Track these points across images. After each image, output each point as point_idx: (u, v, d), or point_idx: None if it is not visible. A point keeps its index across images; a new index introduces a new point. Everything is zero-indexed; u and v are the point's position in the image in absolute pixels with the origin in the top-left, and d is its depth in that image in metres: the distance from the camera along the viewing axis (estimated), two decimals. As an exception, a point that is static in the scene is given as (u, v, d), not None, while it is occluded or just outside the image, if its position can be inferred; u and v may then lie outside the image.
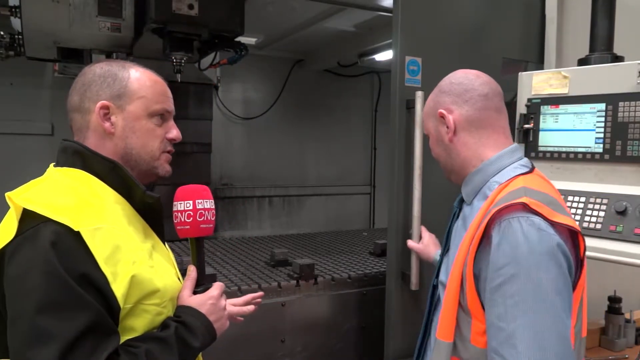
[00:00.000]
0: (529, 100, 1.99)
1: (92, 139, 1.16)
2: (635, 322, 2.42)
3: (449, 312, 1.21)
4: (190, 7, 2.28)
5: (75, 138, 1.19)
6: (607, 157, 1.78)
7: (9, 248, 1.00)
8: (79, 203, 1.05)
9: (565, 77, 1.90)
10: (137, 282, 1.05)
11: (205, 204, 1.23)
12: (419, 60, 2.07)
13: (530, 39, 2.41)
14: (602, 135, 1.80)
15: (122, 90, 1.16)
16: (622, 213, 1.69)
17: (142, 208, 1.18)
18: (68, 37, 2.47)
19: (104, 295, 1.00)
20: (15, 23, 2.53)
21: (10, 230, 1.01)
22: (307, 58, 4.44)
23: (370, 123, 4.90)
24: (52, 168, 1.17)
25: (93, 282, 0.99)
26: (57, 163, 1.17)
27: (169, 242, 1.32)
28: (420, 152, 1.96)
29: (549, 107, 1.94)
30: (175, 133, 1.23)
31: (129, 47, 2.63)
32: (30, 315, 0.94)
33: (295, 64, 4.48)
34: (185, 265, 1.30)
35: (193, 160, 3.82)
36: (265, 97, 4.42)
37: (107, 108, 1.15)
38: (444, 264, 1.36)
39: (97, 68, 1.18)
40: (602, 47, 1.92)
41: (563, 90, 1.91)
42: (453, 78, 1.32)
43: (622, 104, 1.74)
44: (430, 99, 1.37)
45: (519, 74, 2.05)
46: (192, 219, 1.21)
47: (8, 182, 1.42)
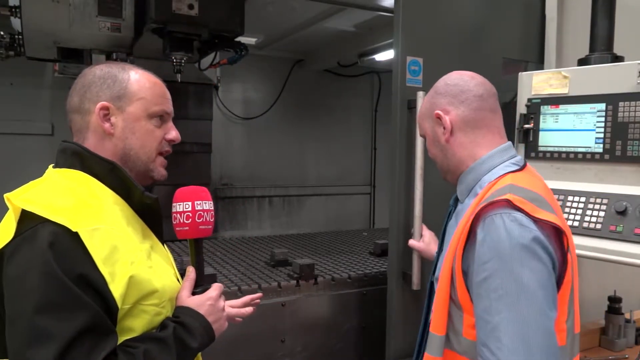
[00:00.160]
0: (529, 100, 1.99)
1: (91, 140, 1.16)
2: (635, 322, 2.42)
3: (441, 306, 1.25)
4: (190, 7, 2.28)
5: (75, 139, 1.19)
6: (607, 157, 1.78)
7: (8, 249, 1.01)
8: (78, 204, 1.05)
9: (565, 77, 1.90)
10: (135, 282, 1.05)
11: (205, 205, 1.23)
12: (420, 61, 2.07)
13: (530, 39, 2.41)
14: (602, 135, 1.79)
15: (121, 92, 1.16)
16: (622, 213, 1.69)
17: (140, 209, 1.18)
18: (68, 37, 2.46)
19: (102, 296, 1.00)
20: (15, 23, 2.53)
21: (9, 231, 1.02)
22: (307, 58, 4.44)
23: (370, 123, 4.90)
24: (51, 169, 1.18)
25: (91, 282, 0.99)
26: (56, 164, 1.17)
27: (168, 242, 1.32)
28: (422, 152, 1.96)
29: (549, 107, 1.94)
30: (175, 134, 1.24)
31: (129, 47, 2.62)
32: (29, 316, 0.94)
33: (295, 64, 4.48)
34: (185, 266, 1.30)
35: (193, 160, 3.82)
36: (265, 97, 4.42)
37: (107, 109, 1.15)
38: (440, 261, 1.38)
39: (96, 70, 1.19)
40: (602, 47, 1.92)
41: (563, 90, 1.91)
42: (448, 79, 1.34)
43: (622, 104, 1.74)
44: (426, 101, 1.39)
45: (519, 74, 2.05)
46: (191, 220, 1.21)
47: (8, 182, 1.42)
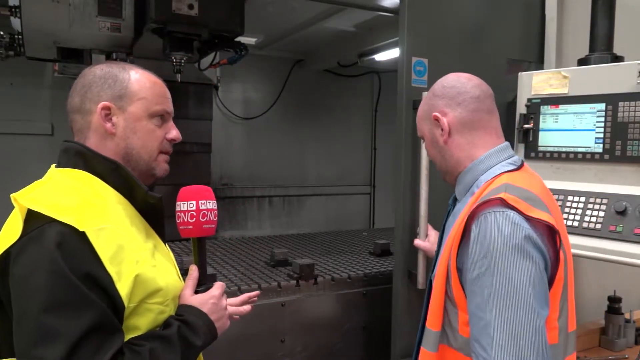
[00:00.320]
0: (529, 100, 1.99)
1: (93, 140, 1.17)
2: (635, 322, 2.42)
3: (436, 302, 1.27)
4: (190, 7, 2.28)
5: (76, 139, 1.19)
6: (607, 157, 1.78)
7: (15, 248, 1.01)
8: (83, 203, 1.06)
9: (565, 77, 1.90)
10: (140, 281, 1.06)
11: (208, 205, 1.24)
12: (425, 61, 2.08)
13: (530, 39, 2.41)
14: (602, 135, 1.80)
15: (122, 92, 1.17)
16: (622, 213, 1.69)
17: (143, 208, 1.19)
18: (68, 37, 2.46)
19: (109, 295, 1.01)
20: (15, 23, 2.53)
21: (15, 231, 1.02)
22: (307, 58, 4.43)
23: (370, 123, 4.90)
24: (53, 169, 1.18)
25: (98, 281, 1.00)
26: (58, 164, 1.17)
27: (168, 242, 1.32)
28: (427, 152, 1.97)
29: (549, 107, 1.94)
30: (175, 133, 1.24)
31: (129, 47, 2.62)
32: (36, 315, 0.95)
33: (295, 64, 4.48)
34: (186, 265, 1.30)
35: (193, 160, 3.82)
36: (265, 97, 4.42)
37: (108, 109, 1.16)
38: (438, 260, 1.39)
39: (97, 70, 1.19)
40: (602, 47, 1.92)
41: (563, 90, 1.91)
42: (445, 82, 1.36)
43: (622, 104, 1.74)
44: (424, 103, 1.40)
45: (519, 74, 2.05)
46: (195, 219, 1.22)
47: (8, 182, 1.42)
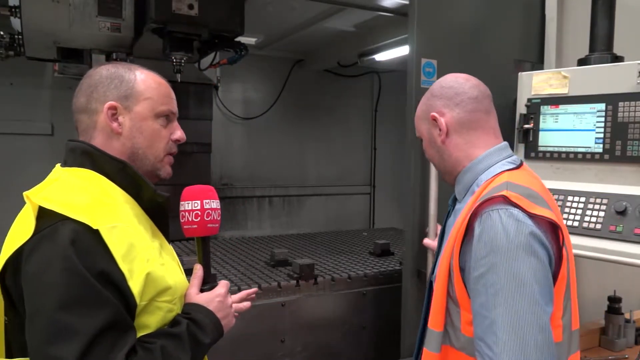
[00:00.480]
0: (529, 100, 1.99)
1: (99, 139, 1.17)
2: (635, 322, 2.42)
3: (438, 302, 1.27)
4: (190, 7, 2.28)
5: (81, 139, 1.20)
6: (607, 157, 1.79)
7: (27, 246, 1.01)
8: (94, 202, 1.07)
9: (565, 77, 1.90)
10: (151, 279, 1.07)
11: (212, 204, 1.26)
12: (435, 62, 2.09)
13: (530, 39, 2.41)
14: (602, 135, 1.80)
15: (129, 92, 1.18)
16: (622, 213, 1.69)
17: (149, 207, 1.20)
18: (68, 37, 2.46)
19: (122, 292, 1.01)
20: (15, 23, 2.53)
21: (28, 229, 1.02)
22: (307, 58, 4.43)
23: (370, 123, 4.89)
24: (59, 168, 1.18)
25: (111, 279, 1.00)
26: (65, 163, 1.18)
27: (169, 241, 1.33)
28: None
29: (549, 107, 1.94)
30: (180, 134, 1.26)
31: (129, 47, 2.62)
32: (51, 312, 0.95)
33: (295, 64, 4.47)
34: (186, 265, 1.31)
35: (193, 160, 3.82)
36: (265, 97, 4.42)
37: (114, 108, 1.16)
38: (439, 260, 1.38)
39: (103, 70, 1.20)
40: (602, 47, 1.92)
41: (563, 90, 1.91)
42: (443, 82, 1.37)
43: (622, 104, 1.74)
44: (422, 103, 1.41)
45: (519, 74, 2.05)
46: (199, 219, 1.23)
47: (8, 182, 1.42)
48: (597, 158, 1.81)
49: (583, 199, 1.81)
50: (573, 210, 1.82)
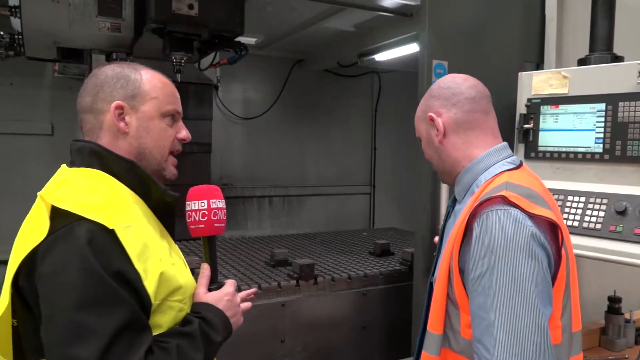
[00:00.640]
0: (529, 100, 1.99)
1: (105, 139, 1.17)
2: (635, 322, 2.42)
3: (438, 304, 1.26)
4: (190, 7, 2.28)
5: (86, 139, 1.19)
6: (607, 157, 1.79)
7: (41, 247, 1.01)
8: (106, 202, 1.07)
9: (565, 77, 1.90)
10: (165, 279, 1.07)
11: (219, 204, 1.27)
12: (445, 64, 2.10)
13: (530, 39, 2.41)
14: (602, 135, 1.80)
15: (135, 91, 1.18)
16: (622, 213, 1.69)
17: (157, 207, 1.20)
18: (68, 37, 2.46)
19: (137, 292, 1.02)
20: (15, 23, 2.53)
21: (41, 230, 1.02)
22: (307, 58, 4.43)
23: (370, 123, 4.89)
24: (66, 169, 1.17)
25: (127, 278, 1.00)
26: (72, 163, 1.17)
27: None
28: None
29: (549, 107, 1.94)
30: (185, 133, 1.27)
31: (129, 47, 2.62)
32: (69, 312, 0.95)
33: (295, 64, 4.47)
34: (189, 265, 1.31)
35: (193, 160, 3.81)
36: (265, 97, 4.41)
37: (121, 108, 1.16)
38: (439, 262, 1.38)
39: (108, 70, 1.20)
40: (602, 47, 1.92)
41: (563, 90, 1.91)
42: (442, 83, 1.37)
43: (622, 104, 1.74)
44: (422, 103, 1.41)
45: (519, 74, 2.05)
46: (206, 218, 1.24)
47: (8, 182, 1.42)
48: (597, 158, 1.81)
49: (583, 199, 1.81)
50: (573, 210, 1.82)
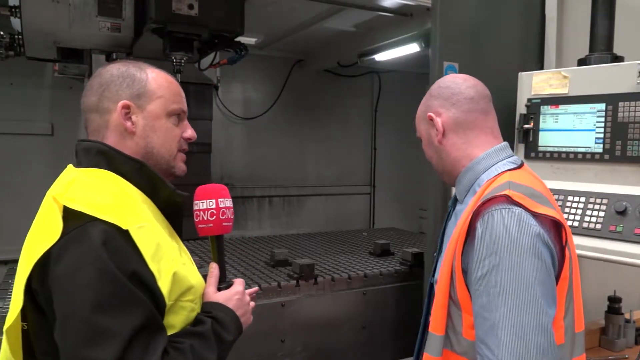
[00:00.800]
0: (529, 100, 1.99)
1: (111, 139, 1.16)
2: (635, 322, 2.42)
3: (440, 305, 1.25)
4: (190, 7, 2.28)
5: (92, 138, 1.18)
6: (607, 157, 1.78)
7: (55, 248, 0.99)
8: (118, 202, 1.06)
9: (565, 77, 1.90)
10: (177, 279, 1.07)
11: (227, 203, 1.26)
12: (456, 66, 2.10)
13: (530, 39, 2.41)
14: (602, 135, 1.80)
15: (141, 90, 1.17)
16: (622, 213, 1.69)
17: (165, 207, 1.19)
18: (68, 37, 2.46)
19: (152, 292, 1.01)
20: (15, 23, 2.53)
21: (54, 231, 1.00)
22: (307, 58, 4.43)
23: (370, 123, 4.89)
24: (73, 169, 1.16)
25: (143, 279, 1.00)
26: (79, 163, 1.16)
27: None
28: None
29: (549, 107, 1.94)
30: (191, 132, 1.26)
31: (129, 47, 2.62)
32: (85, 314, 0.94)
33: (295, 64, 4.47)
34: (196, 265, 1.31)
35: (193, 160, 3.78)
36: (265, 97, 4.41)
37: (128, 107, 1.15)
38: (439, 263, 1.37)
39: (113, 69, 1.19)
40: (602, 47, 1.92)
41: (563, 90, 1.91)
42: (441, 83, 1.37)
43: (622, 104, 1.74)
44: (422, 104, 1.42)
45: (519, 74, 2.05)
46: (215, 218, 1.24)
47: (8, 182, 1.42)
48: (597, 158, 1.81)
49: (583, 199, 1.81)
50: (573, 210, 1.82)
